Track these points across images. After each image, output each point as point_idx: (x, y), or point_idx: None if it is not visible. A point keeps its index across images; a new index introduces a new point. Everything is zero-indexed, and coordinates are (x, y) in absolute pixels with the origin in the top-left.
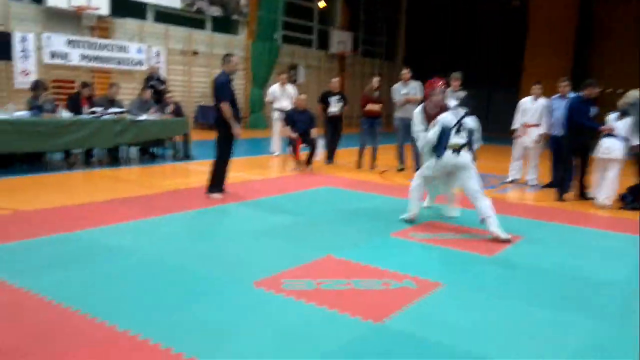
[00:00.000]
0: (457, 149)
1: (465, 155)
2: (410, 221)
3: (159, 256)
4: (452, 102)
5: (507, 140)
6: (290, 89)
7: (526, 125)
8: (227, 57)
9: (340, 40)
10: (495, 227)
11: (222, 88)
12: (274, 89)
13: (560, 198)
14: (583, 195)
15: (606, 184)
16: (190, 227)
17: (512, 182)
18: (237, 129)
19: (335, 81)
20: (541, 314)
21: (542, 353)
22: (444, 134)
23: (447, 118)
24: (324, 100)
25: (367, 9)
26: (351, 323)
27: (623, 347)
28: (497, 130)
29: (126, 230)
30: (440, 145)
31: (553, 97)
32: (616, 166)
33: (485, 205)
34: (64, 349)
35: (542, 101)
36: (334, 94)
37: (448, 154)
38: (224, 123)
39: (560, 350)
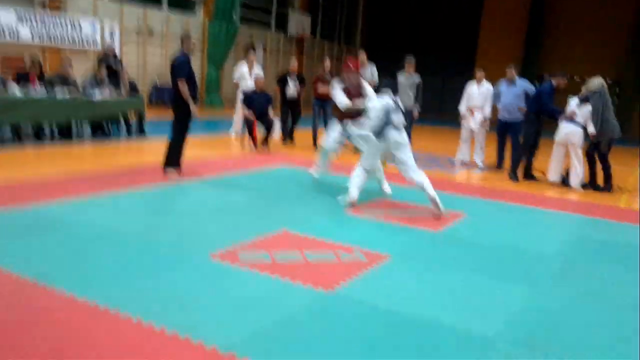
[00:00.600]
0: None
1: (404, 133)
2: (350, 205)
3: (116, 230)
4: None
5: (460, 123)
6: (257, 70)
7: (471, 109)
8: (185, 37)
9: (299, 22)
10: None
11: (180, 67)
12: (241, 68)
13: (514, 177)
14: (530, 176)
15: (574, 170)
16: (147, 202)
17: (461, 163)
18: (194, 108)
19: (295, 63)
20: (481, 282)
21: (481, 315)
22: (388, 114)
23: (386, 100)
24: (282, 82)
25: None
26: (303, 292)
27: (554, 309)
28: (452, 114)
29: (82, 205)
30: (387, 125)
31: (500, 81)
32: (578, 151)
33: (427, 182)
34: (22, 318)
35: (487, 86)
36: (292, 76)
37: (393, 132)
38: (182, 102)
39: (499, 311)
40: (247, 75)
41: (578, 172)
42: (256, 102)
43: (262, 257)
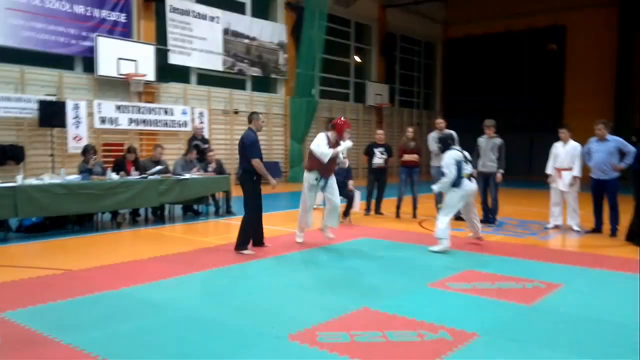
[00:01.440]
0: (469, 177)
1: (474, 182)
2: (443, 252)
3: (197, 310)
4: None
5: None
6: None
7: (558, 169)
8: (254, 115)
9: (377, 92)
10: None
11: (251, 146)
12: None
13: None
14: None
15: None
16: (229, 281)
17: (554, 227)
18: (272, 181)
19: (380, 133)
20: None
21: None
22: (459, 166)
23: (456, 153)
24: (369, 152)
25: (403, 60)
26: None
27: None
28: (541, 174)
29: (168, 285)
30: (459, 177)
31: (590, 140)
32: None
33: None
34: None
35: (573, 144)
36: (379, 146)
37: (467, 182)
38: (251, 179)
39: None
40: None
41: None
42: (336, 173)
43: (342, 337)
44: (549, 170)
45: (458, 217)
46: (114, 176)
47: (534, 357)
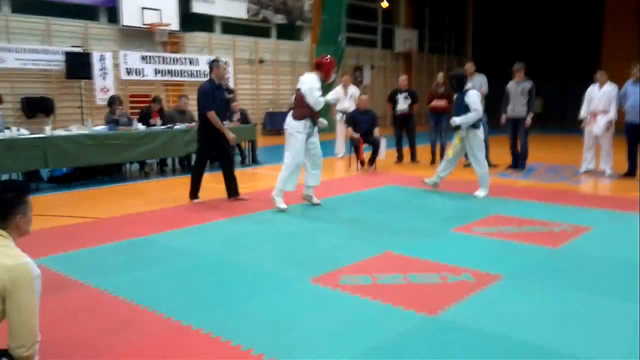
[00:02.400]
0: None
1: None
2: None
3: (222, 256)
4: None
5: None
6: (353, 89)
7: (593, 113)
8: (214, 63)
9: (406, 38)
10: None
11: (204, 96)
12: (337, 90)
13: None
14: None
15: None
16: (255, 227)
17: (586, 172)
18: (230, 134)
19: (403, 79)
20: (605, 303)
21: (601, 341)
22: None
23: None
24: (392, 99)
25: (432, 4)
26: (404, 316)
27: None
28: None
29: (196, 232)
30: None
31: (627, 82)
32: None
33: None
34: (132, 340)
35: (608, 87)
36: (403, 91)
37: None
38: (205, 131)
39: (625, 336)
40: (342, 96)
41: None
42: (361, 121)
43: (364, 280)
44: (583, 114)
45: (467, 165)
46: (140, 126)
47: (558, 298)
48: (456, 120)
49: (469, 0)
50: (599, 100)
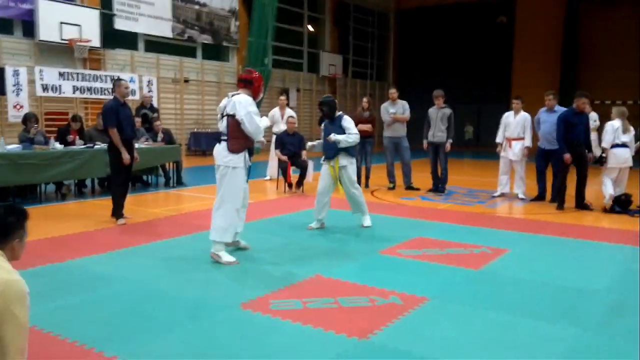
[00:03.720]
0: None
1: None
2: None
3: (146, 282)
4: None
5: (497, 155)
6: (289, 111)
7: (508, 139)
8: (116, 82)
9: (331, 63)
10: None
11: (106, 114)
12: (273, 112)
13: (561, 207)
14: (581, 206)
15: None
16: (178, 253)
17: (501, 195)
18: (125, 155)
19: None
20: (526, 324)
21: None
22: None
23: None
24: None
25: (356, 31)
26: (335, 340)
27: (607, 355)
28: (489, 145)
29: (115, 258)
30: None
31: (540, 110)
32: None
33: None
34: None
35: (523, 115)
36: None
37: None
38: (115, 149)
39: (544, 355)
40: (279, 118)
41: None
42: (289, 143)
43: (295, 304)
44: (499, 139)
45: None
46: (58, 146)
47: (482, 319)
48: (339, 137)
49: (391, 28)
50: (515, 127)
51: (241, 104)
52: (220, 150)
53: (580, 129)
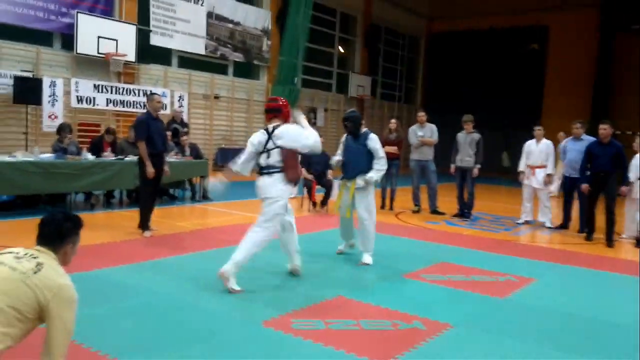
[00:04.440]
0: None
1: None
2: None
3: (170, 295)
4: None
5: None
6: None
7: (531, 167)
8: (149, 96)
9: (359, 84)
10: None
11: (137, 127)
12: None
13: (589, 239)
14: (610, 245)
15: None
16: (204, 265)
17: (525, 223)
18: (150, 168)
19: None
20: (551, 356)
21: None
22: None
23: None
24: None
25: (386, 53)
26: None
27: None
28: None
29: (141, 269)
30: None
31: (567, 139)
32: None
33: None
34: None
35: (546, 142)
36: None
37: None
38: (142, 162)
39: None
40: None
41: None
42: (314, 162)
43: (317, 325)
44: (522, 167)
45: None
46: (90, 156)
47: (505, 348)
48: (371, 177)
49: (421, 51)
50: (538, 154)
51: (296, 133)
52: (271, 182)
53: (603, 159)
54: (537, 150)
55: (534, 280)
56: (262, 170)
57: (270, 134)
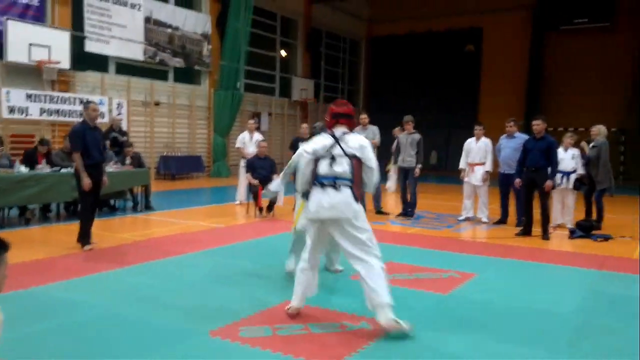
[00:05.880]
0: None
1: None
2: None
3: (112, 309)
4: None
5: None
6: (257, 135)
7: (471, 165)
8: (85, 105)
9: (302, 87)
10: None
11: (72, 137)
12: (244, 135)
13: (527, 232)
14: (545, 237)
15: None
16: (146, 278)
17: (466, 219)
18: (85, 180)
19: (305, 127)
20: (495, 347)
21: None
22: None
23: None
24: (295, 146)
25: (328, 57)
26: None
27: None
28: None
29: (82, 284)
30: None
31: (501, 136)
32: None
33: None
34: None
35: (484, 140)
36: (304, 140)
37: None
38: (78, 173)
39: None
40: (248, 142)
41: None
42: (260, 168)
43: (264, 331)
44: (462, 165)
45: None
46: (23, 169)
47: (450, 343)
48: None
49: (362, 54)
50: (477, 152)
51: (367, 149)
52: (344, 199)
53: (536, 154)
54: (476, 148)
55: (475, 275)
56: (321, 181)
57: (337, 139)
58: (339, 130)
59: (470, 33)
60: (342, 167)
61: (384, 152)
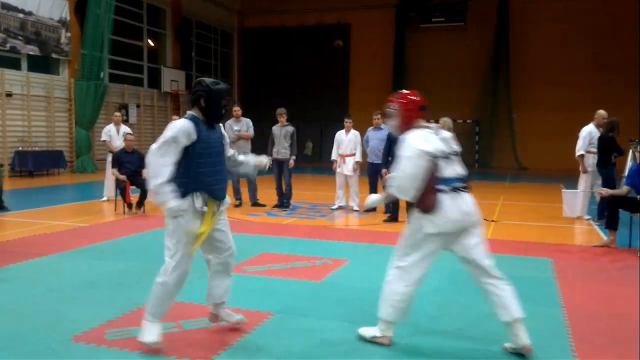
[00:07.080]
0: None
1: None
2: None
3: None
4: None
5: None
6: (125, 128)
7: (342, 156)
8: None
9: (173, 78)
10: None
11: None
12: (109, 128)
13: (394, 218)
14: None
15: None
16: (5, 284)
17: (339, 208)
18: None
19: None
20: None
21: None
22: None
23: None
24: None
25: (199, 47)
26: None
27: (435, 347)
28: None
29: None
30: None
31: (369, 129)
32: None
33: None
34: None
35: (354, 132)
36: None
37: None
38: None
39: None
40: (114, 135)
41: None
42: (127, 162)
43: (132, 332)
44: (334, 156)
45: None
46: None
47: (324, 330)
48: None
49: (235, 46)
50: (347, 144)
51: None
52: (471, 201)
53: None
54: (346, 140)
55: (347, 261)
56: (450, 183)
57: (443, 137)
58: (432, 125)
59: (338, 28)
60: (459, 167)
61: (259, 143)
